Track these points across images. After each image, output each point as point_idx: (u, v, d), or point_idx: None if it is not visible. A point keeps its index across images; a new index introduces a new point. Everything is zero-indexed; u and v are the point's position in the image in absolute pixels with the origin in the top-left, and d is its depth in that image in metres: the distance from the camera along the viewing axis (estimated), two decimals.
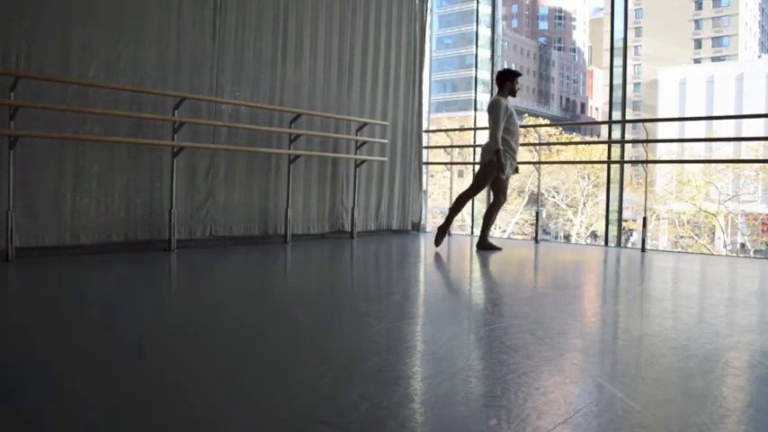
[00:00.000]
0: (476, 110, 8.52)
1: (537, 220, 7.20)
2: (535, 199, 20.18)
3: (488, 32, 8.78)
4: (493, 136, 5.23)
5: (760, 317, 2.94)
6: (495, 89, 5.50)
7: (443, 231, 5.53)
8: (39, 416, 1.49)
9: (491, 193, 5.77)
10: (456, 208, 5.59)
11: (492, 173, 5.31)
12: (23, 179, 4.07)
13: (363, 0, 6.41)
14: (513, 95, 5.42)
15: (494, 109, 5.26)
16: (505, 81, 5.39)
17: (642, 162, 6.42)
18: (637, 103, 44.33)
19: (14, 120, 3.90)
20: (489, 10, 8.26)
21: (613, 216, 6.66)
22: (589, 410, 1.59)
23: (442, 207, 12.79)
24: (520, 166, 5.71)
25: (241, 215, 5.43)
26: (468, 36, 46.94)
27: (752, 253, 23.21)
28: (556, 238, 26.41)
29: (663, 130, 24.93)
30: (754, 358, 2.15)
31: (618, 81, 6.61)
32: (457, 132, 8.10)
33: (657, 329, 2.64)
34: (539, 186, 7.78)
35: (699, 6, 51.91)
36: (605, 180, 6.95)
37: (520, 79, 5.50)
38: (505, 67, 6.42)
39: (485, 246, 5.53)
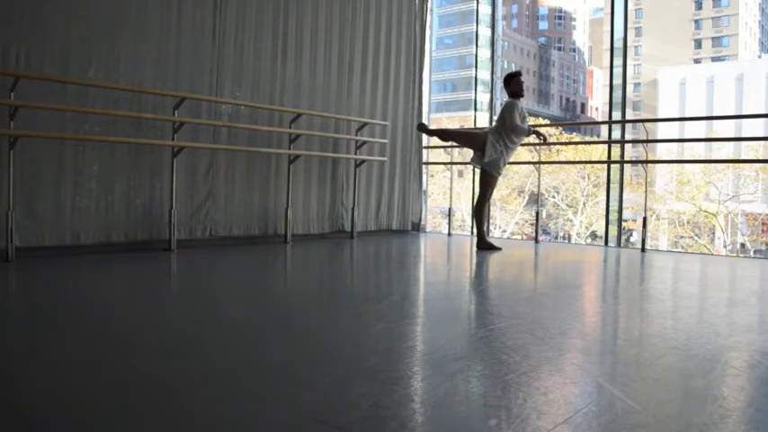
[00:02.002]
0: (476, 110, 8.52)
1: (537, 220, 7.20)
2: (535, 199, 20.17)
3: (488, 32, 8.79)
4: (513, 126, 5.29)
5: (760, 317, 2.94)
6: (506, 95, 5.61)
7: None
8: (39, 416, 1.49)
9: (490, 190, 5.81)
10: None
11: (493, 180, 5.51)
12: (23, 179, 4.08)
13: (363, 0, 6.41)
14: (521, 95, 5.47)
15: (507, 108, 5.36)
16: (507, 85, 5.49)
17: (642, 162, 6.42)
18: (637, 103, 44.29)
19: (14, 120, 3.90)
20: (489, 10, 8.27)
21: (613, 216, 6.66)
22: (589, 410, 1.59)
23: (442, 207, 12.78)
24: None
25: (241, 215, 5.43)
26: (468, 36, 46.92)
27: (752, 253, 23.21)
28: (556, 238, 26.40)
29: (663, 130, 24.92)
30: (754, 358, 2.15)
31: (618, 81, 6.61)
32: None
33: (657, 329, 2.64)
34: (539, 186, 7.78)
35: (699, 6, 51.87)
36: (605, 180, 6.95)
37: (524, 77, 5.57)
38: (504, 67, 6.49)
39: (484, 245, 5.53)
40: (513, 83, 5.44)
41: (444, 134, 6.37)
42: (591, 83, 62.39)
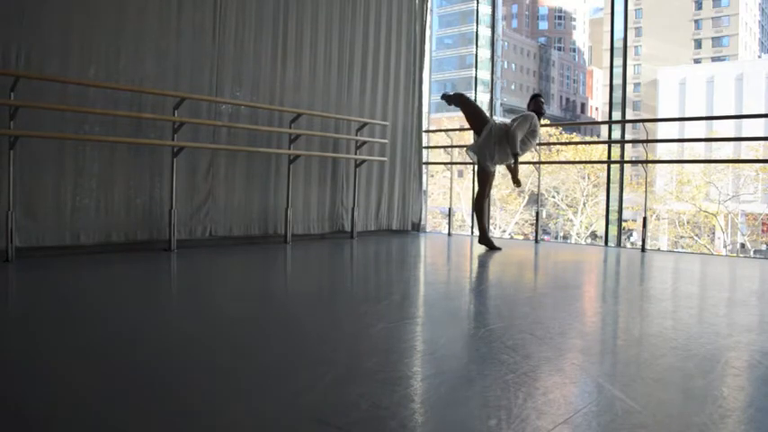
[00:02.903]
0: None
1: (537, 220, 7.20)
2: (535, 199, 20.17)
3: (488, 32, 8.79)
4: (512, 135, 5.37)
5: (760, 317, 2.94)
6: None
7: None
8: (39, 415, 1.49)
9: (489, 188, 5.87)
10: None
11: (488, 176, 5.58)
12: (23, 179, 4.07)
13: (363, 0, 6.41)
14: (542, 113, 5.64)
15: (522, 118, 5.48)
16: (529, 106, 5.71)
17: (642, 162, 6.42)
18: (637, 103, 44.26)
19: (14, 120, 3.90)
20: (489, 10, 8.26)
21: (613, 216, 6.66)
22: (589, 410, 1.59)
23: (442, 207, 12.78)
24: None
25: (241, 215, 5.42)
26: (468, 36, 46.88)
27: (752, 253, 23.21)
28: (556, 238, 26.41)
29: (663, 130, 24.90)
30: (754, 358, 2.15)
31: (618, 81, 6.62)
32: (457, 132, 8.10)
33: (657, 329, 2.64)
34: (539, 186, 7.78)
35: (699, 6, 51.83)
36: (605, 180, 6.95)
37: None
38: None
39: (486, 242, 5.58)
40: (532, 103, 5.70)
41: (460, 100, 5.96)
42: (591, 83, 62.35)
